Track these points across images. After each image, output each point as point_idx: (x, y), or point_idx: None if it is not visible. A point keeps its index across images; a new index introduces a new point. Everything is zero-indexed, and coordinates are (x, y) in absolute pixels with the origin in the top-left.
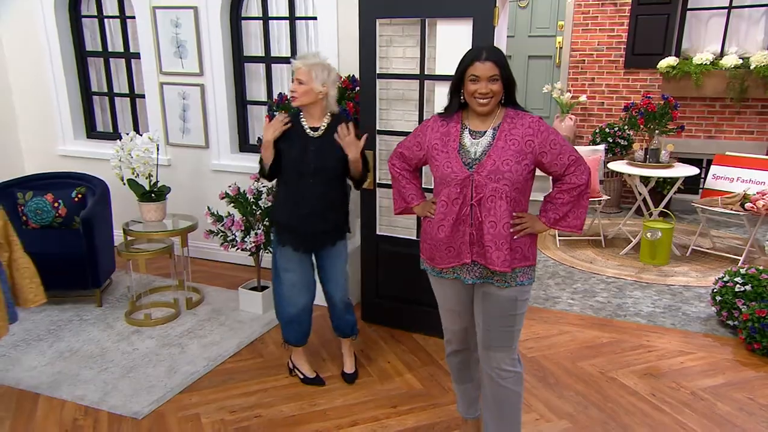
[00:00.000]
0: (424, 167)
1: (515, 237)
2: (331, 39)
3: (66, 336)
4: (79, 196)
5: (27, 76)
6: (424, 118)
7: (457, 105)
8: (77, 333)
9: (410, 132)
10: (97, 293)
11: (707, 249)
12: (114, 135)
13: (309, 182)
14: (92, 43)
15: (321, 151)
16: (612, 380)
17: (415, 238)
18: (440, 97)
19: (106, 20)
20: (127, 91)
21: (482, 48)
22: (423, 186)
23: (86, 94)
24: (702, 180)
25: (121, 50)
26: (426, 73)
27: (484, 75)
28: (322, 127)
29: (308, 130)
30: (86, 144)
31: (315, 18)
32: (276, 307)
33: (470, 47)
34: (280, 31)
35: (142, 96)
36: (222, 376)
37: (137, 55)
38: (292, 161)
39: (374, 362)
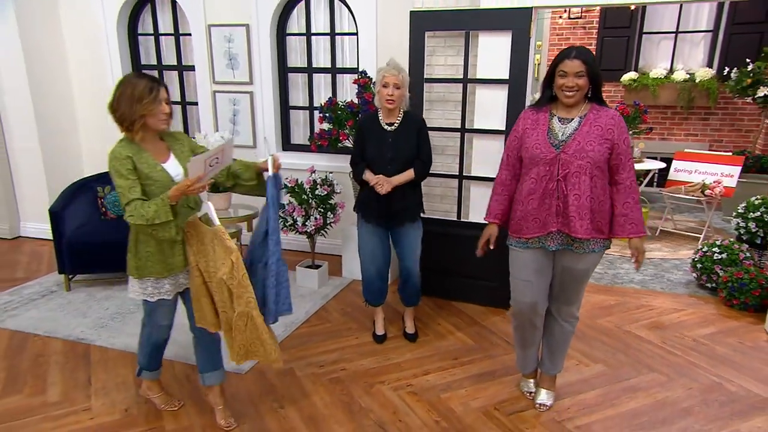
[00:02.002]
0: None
1: (636, 270)
2: (371, 51)
3: None
4: None
5: (89, 86)
6: (467, 118)
7: (548, 98)
8: None
9: (449, 128)
10: None
11: (671, 230)
12: None
13: (386, 170)
14: (146, 57)
15: (397, 142)
16: (627, 333)
17: (455, 219)
18: (481, 98)
19: (161, 37)
20: (179, 99)
21: (573, 48)
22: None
23: None
24: (656, 175)
25: (174, 63)
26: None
27: (571, 71)
28: (397, 122)
29: (385, 126)
30: None
31: (355, 34)
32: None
33: (509, 56)
34: (318, 45)
35: (193, 103)
36: (301, 339)
37: (190, 68)
38: (372, 155)
39: (427, 325)
